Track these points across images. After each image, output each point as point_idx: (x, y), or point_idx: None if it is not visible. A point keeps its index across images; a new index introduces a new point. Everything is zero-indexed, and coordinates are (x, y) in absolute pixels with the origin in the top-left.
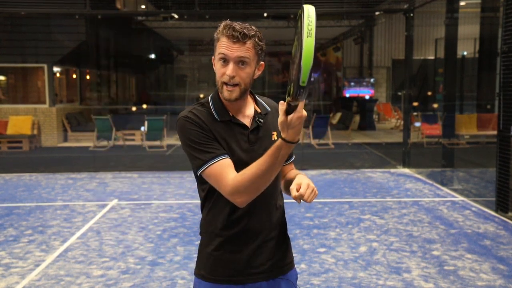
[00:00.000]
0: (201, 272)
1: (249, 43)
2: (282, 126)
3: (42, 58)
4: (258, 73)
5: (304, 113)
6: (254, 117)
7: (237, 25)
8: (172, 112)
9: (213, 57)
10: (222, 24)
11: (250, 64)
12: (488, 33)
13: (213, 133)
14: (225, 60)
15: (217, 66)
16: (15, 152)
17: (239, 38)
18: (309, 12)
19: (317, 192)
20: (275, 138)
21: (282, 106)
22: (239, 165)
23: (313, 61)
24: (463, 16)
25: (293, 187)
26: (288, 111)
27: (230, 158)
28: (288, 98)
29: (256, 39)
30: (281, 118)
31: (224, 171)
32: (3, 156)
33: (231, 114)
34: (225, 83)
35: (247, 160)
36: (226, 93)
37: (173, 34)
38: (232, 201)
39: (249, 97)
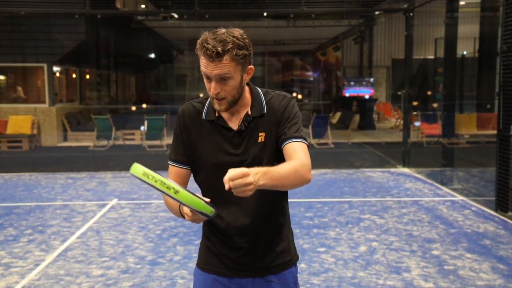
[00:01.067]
0: (198, 260)
1: (225, 59)
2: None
3: (42, 58)
4: (247, 77)
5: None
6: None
7: (211, 41)
8: (172, 112)
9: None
10: (199, 40)
11: (232, 77)
12: (488, 33)
13: (191, 135)
14: (207, 77)
15: (204, 80)
16: (15, 151)
17: (213, 57)
18: (141, 172)
19: (248, 192)
20: (262, 140)
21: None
22: (219, 168)
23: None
24: (463, 15)
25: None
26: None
27: (208, 159)
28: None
29: (234, 51)
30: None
31: (170, 175)
32: (3, 156)
33: (217, 115)
34: (213, 97)
35: (230, 163)
36: (216, 105)
37: (173, 34)
38: None
39: (248, 97)
